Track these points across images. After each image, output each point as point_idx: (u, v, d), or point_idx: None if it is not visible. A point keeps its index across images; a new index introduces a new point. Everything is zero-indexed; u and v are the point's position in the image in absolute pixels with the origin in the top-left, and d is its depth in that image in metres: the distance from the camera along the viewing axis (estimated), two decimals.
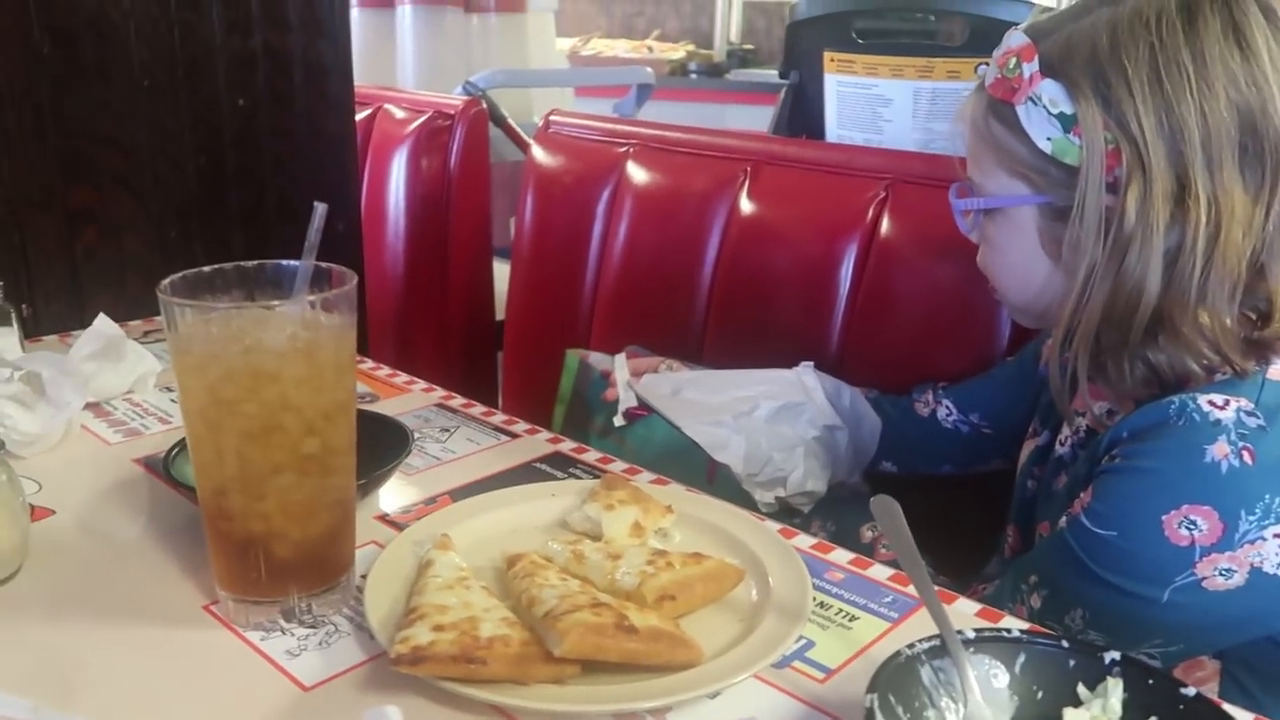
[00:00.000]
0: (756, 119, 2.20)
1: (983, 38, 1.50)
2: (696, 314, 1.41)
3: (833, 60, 1.66)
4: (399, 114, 1.84)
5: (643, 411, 1.15)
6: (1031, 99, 0.75)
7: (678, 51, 4.38)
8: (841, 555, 0.77)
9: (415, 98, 1.90)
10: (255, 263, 0.68)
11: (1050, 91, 0.74)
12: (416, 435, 0.96)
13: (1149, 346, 0.74)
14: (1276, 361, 0.74)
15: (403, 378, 1.13)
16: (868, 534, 0.97)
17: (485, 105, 1.83)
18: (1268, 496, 0.68)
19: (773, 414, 1.05)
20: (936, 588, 0.73)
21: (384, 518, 0.81)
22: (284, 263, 0.68)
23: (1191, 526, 0.69)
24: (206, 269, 0.66)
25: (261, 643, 0.65)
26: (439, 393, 1.08)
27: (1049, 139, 0.75)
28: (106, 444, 0.94)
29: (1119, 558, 0.72)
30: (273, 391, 0.62)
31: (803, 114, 1.74)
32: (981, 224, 0.85)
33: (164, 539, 0.77)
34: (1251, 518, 0.68)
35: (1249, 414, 0.70)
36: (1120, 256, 0.72)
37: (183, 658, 0.64)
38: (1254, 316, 0.74)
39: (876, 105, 1.64)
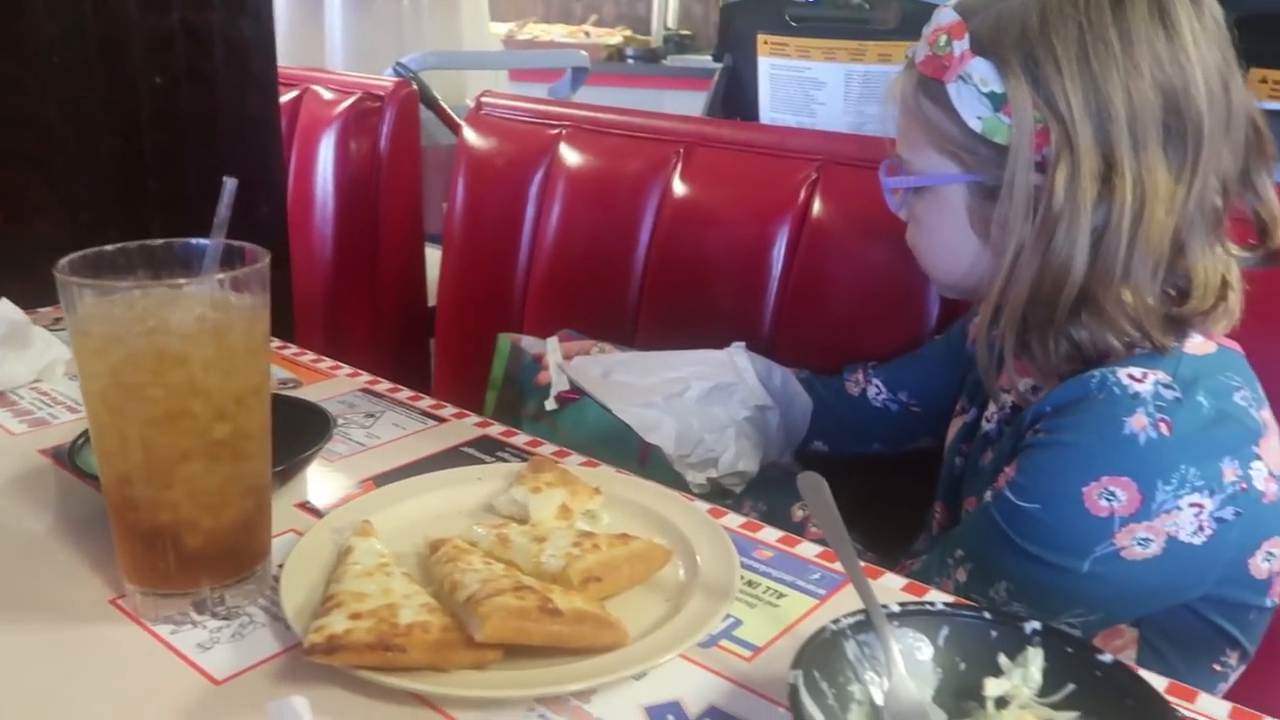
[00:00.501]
0: (693, 104, 2.19)
1: (914, 21, 1.51)
2: (630, 296, 1.40)
3: (766, 43, 1.66)
4: (327, 95, 1.80)
5: (575, 395, 1.13)
6: (962, 77, 0.75)
7: (614, 37, 4.36)
8: (770, 534, 0.77)
9: (344, 79, 1.86)
10: (162, 241, 0.65)
11: (981, 70, 0.74)
12: (340, 420, 0.94)
13: (1073, 323, 0.75)
14: (1193, 336, 0.75)
15: (327, 363, 1.10)
16: (798, 513, 0.97)
17: (416, 87, 1.80)
18: (1183, 467, 0.69)
19: (704, 395, 1.05)
20: (864, 564, 0.73)
21: (305, 505, 0.79)
22: (192, 241, 0.65)
23: (1111, 497, 0.70)
24: (109, 248, 0.63)
25: (171, 636, 0.62)
26: (364, 377, 1.06)
27: (979, 118, 0.75)
28: (11, 434, 0.90)
29: (1041, 530, 0.73)
30: (179, 375, 0.60)
31: (736, 97, 1.73)
32: (910, 202, 0.85)
33: (71, 532, 0.74)
34: (1168, 488, 0.69)
35: (1166, 387, 0.71)
36: (1048, 235, 0.73)
37: (88, 655, 0.61)
38: (1173, 293, 0.76)
39: (809, 88, 1.64)
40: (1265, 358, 0.81)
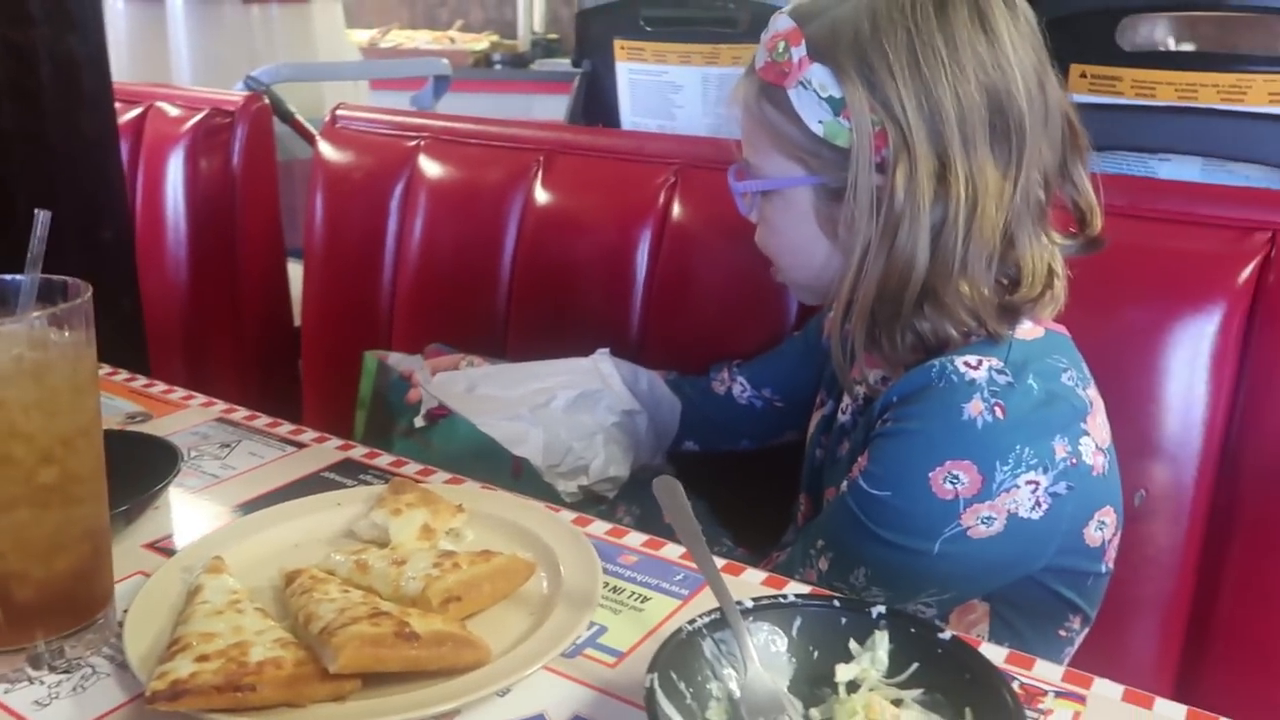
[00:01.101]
0: (562, 108, 2.20)
1: (764, 23, 1.55)
2: (498, 307, 1.40)
3: (623, 48, 1.67)
4: (173, 112, 1.73)
5: (445, 411, 1.12)
6: (802, 83, 0.77)
7: (481, 42, 4.32)
8: (635, 538, 0.78)
9: (191, 94, 1.79)
10: None
11: (819, 76, 0.77)
12: (193, 453, 0.91)
13: (916, 316, 0.78)
14: (1024, 322, 0.79)
15: (180, 393, 1.06)
16: None
17: (269, 101, 1.74)
18: (1019, 447, 0.73)
19: (570, 403, 1.05)
20: (728, 560, 0.75)
21: (154, 545, 0.76)
22: (5, 277, 0.62)
23: (955, 481, 0.73)
24: None
25: (4, 696, 0.59)
26: (220, 406, 1.02)
27: (820, 122, 0.77)
28: None
29: (893, 515, 0.76)
30: None
31: (597, 102, 1.74)
32: (759, 205, 0.87)
33: None
34: (1006, 468, 0.73)
35: (999, 372, 0.75)
36: (892, 234, 0.76)
37: None
38: (1005, 283, 0.80)
39: (667, 92, 1.66)
40: (1088, 339, 0.86)
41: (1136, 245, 1.00)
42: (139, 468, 0.77)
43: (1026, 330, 0.79)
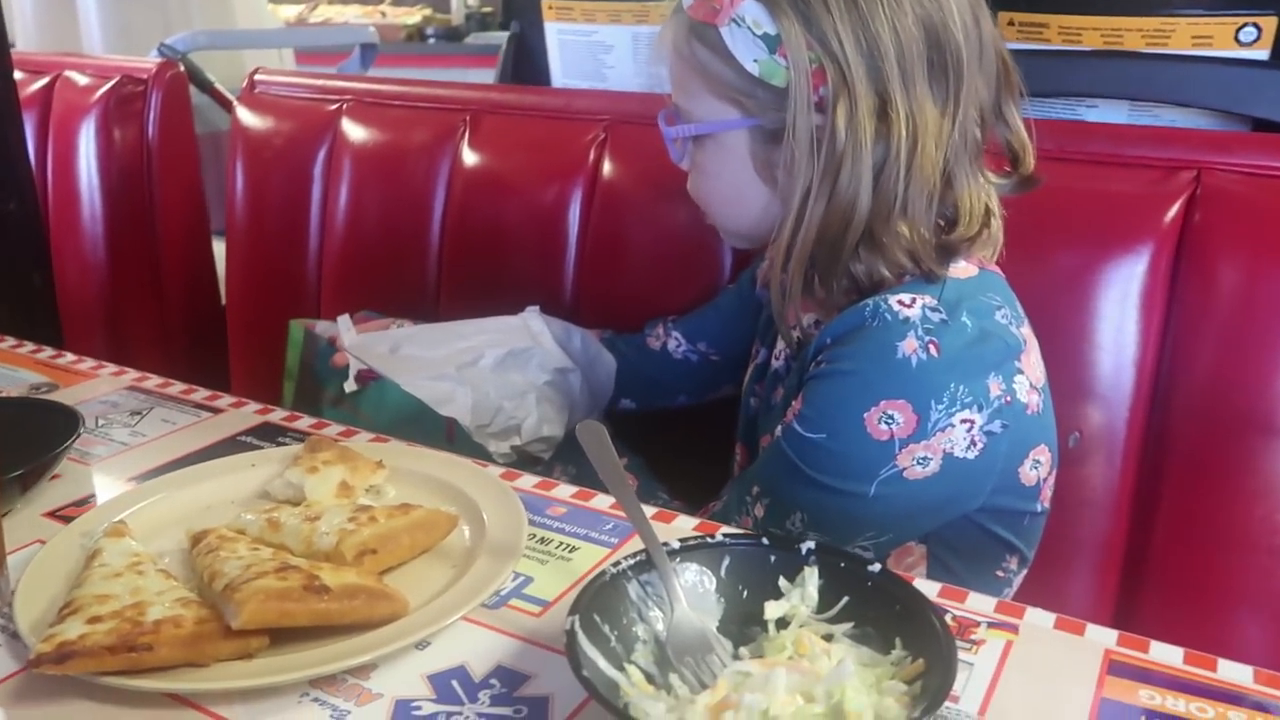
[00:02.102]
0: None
1: None
2: (429, 271, 1.36)
3: (551, 8, 1.63)
4: (82, 81, 1.65)
5: (374, 374, 1.09)
6: (735, 20, 0.74)
7: (414, 16, 4.23)
8: (565, 490, 0.76)
9: (101, 63, 1.71)
10: None
11: (752, 12, 0.74)
12: (101, 421, 0.87)
13: (853, 259, 0.77)
14: (959, 261, 0.78)
15: (90, 363, 1.01)
16: None
17: (185, 69, 1.68)
18: (953, 385, 0.72)
19: (499, 362, 1.02)
20: (659, 509, 0.73)
21: (54, 514, 0.72)
22: None
23: (890, 421, 0.72)
24: None
25: None
26: (131, 374, 0.98)
27: (755, 60, 0.74)
28: None
29: (829, 458, 0.75)
30: None
31: (527, 65, 1.70)
32: (691, 151, 0.84)
33: None
34: (940, 406, 0.72)
35: (933, 310, 0.73)
36: (834, 175, 0.74)
37: None
38: (943, 223, 0.79)
39: (598, 52, 1.63)
40: (1020, 283, 0.85)
41: (1065, 188, 1.00)
42: (36, 434, 0.73)
43: (960, 269, 0.78)
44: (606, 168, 1.24)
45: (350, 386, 1.09)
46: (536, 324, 1.06)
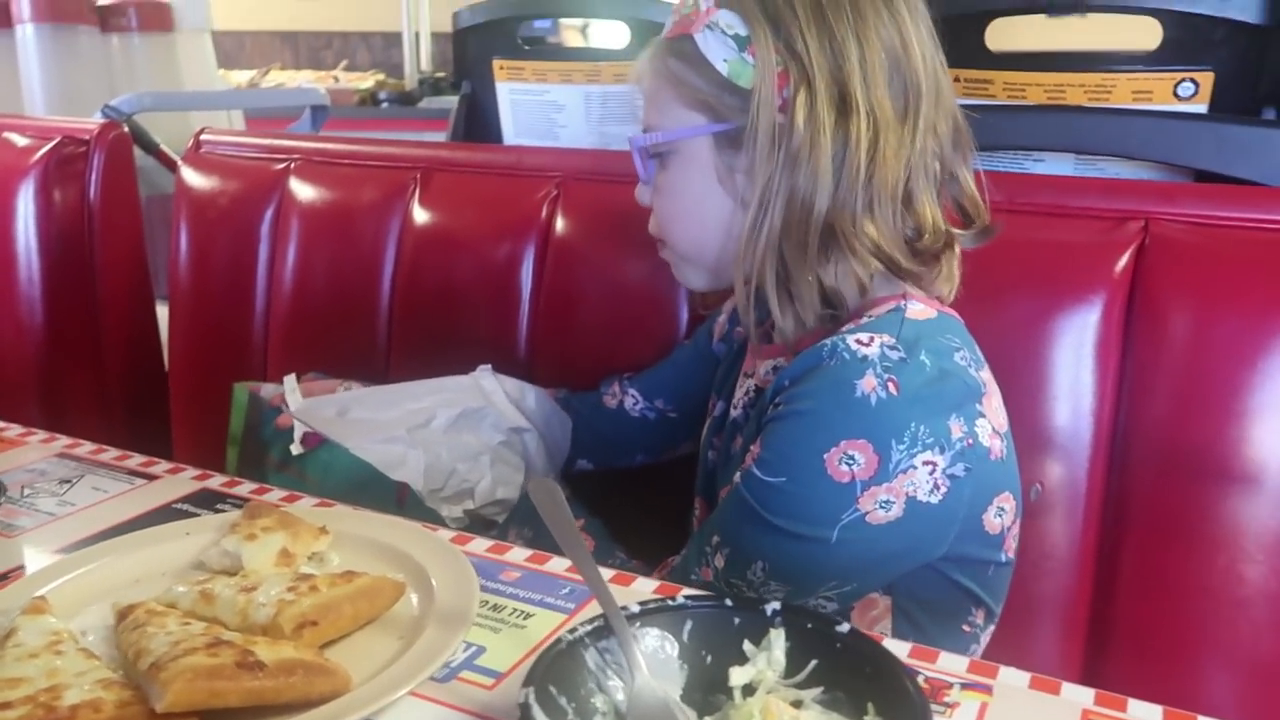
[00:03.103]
0: None
1: (642, 40, 1.54)
2: (379, 332, 1.33)
3: (502, 68, 1.64)
4: (21, 142, 1.61)
5: (320, 437, 1.05)
6: (709, 26, 0.77)
7: (366, 81, 4.24)
8: (519, 554, 0.73)
9: (41, 123, 1.68)
10: None
11: (726, 18, 0.77)
12: (26, 491, 0.82)
13: (823, 265, 0.77)
14: (913, 303, 0.78)
15: (17, 430, 0.97)
16: None
17: (129, 130, 1.65)
18: (914, 424, 0.71)
19: (451, 423, 0.99)
20: (617, 571, 0.70)
21: None
22: None
23: (850, 462, 0.70)
24: None
25: None
26: (62, 441, 0.93)
27: (725, 60, 0.76)
28: None
29: (789, 502, 0.73)
30: None
31: (479, 124, 1.70)
32: (655, 173, 0.85)
33: None
34: (901, 446, 0.71)
35: (891, 348, 0.73)
36: (792, 166, 0.75)
37: None
38: (909, 234, 0.79)
39: (550, 111, 1.63)
40: (974, 334, 0.85)
41: (1015, 239, 0.99)
42: None
43: (919, 311, 0.77)
44: (559, 224, 1.23)
45: (296, 449, 1.05)
46: (489, 383, 1.04)
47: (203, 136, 1.50)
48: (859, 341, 0.72)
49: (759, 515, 0.73)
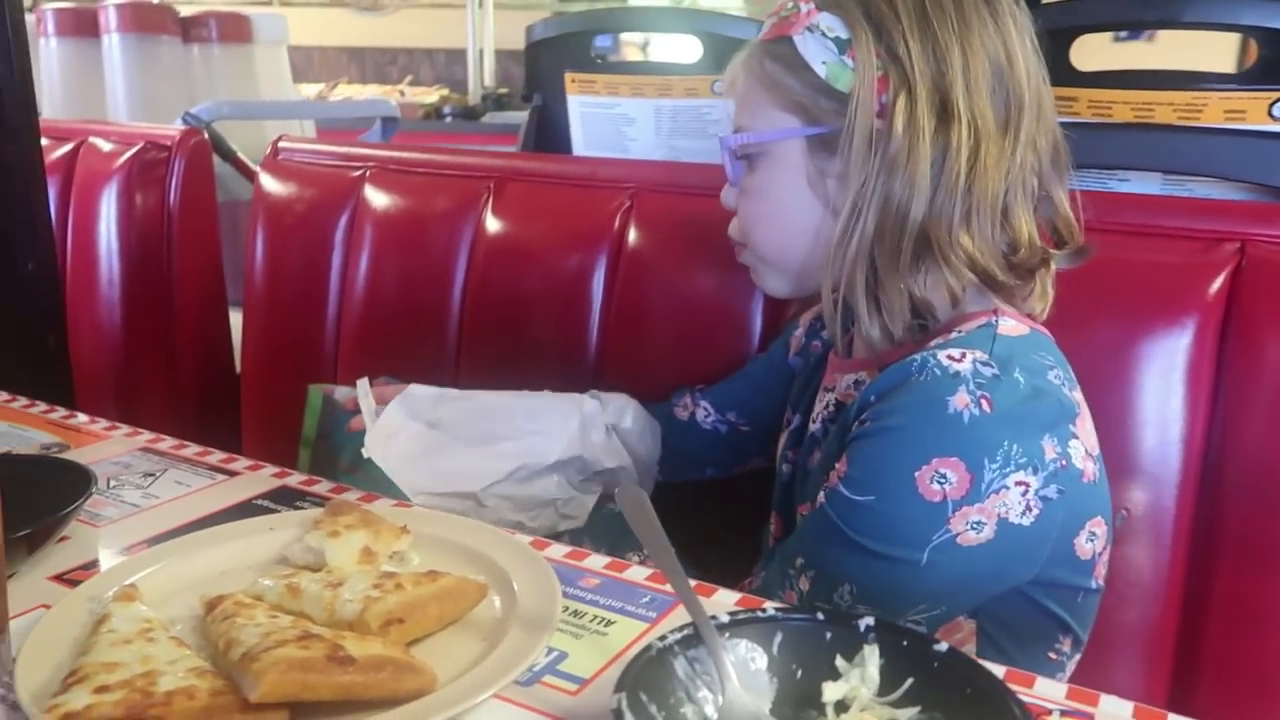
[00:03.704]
0: None
1: (714, 54, 1.53)
2: (449, 339, 1.34)
3: (574, 81, 1.64)
4: (106, 147, 1.66)
5: None
6: (809, 28, 0.76)
7: (431, 95, 4.31)
8: (597, 560, 0.72)
9: (125, 130, 1.72)
10: None
11: (827, 20, 0.76)
12: (113, 483, 0.83)
13: (915, 274, 0.75)
14: (1005, 319, 0.76)
15: (103, 424, 0.99)
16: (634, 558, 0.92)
17: (208, 137, 1.68)
18: (1006, 443, 0.69)
19: (531, 476, 0.97)
20: (696, 582, 0.69)
21: (61, 577, 0.68)
22: None
23: (942, 480, 0.69)
24: None
25: None
26: (146, 436, 0.95)
27: (824, 63, 0.75)
28: None
29: (877, 522, 0.71)
30: None
31: (549, 136, 1.71)
32: (743, 175, 0.84)
33: None
34: (994, 466, 0.69)
35: (984, 364, 0.71)
36: (888, 174, 0.73)
37: None
38: (1005, 248, 0.77)
39: (620, 124, 1.63)
40: (1065, 349, 0.83)
41: (1103, 259, 0.97)
42: (45, 493, 0.70)
43: (1011, 327, 0.76)
44: (632, 236, 1.23)
45: (366, 452, 1.06)
46: (591, 407, 1.02)
47: (280, 144, 1.53)
48: (950, 357, 0.71)
49: (846, 536, 0.71)
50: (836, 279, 0.77)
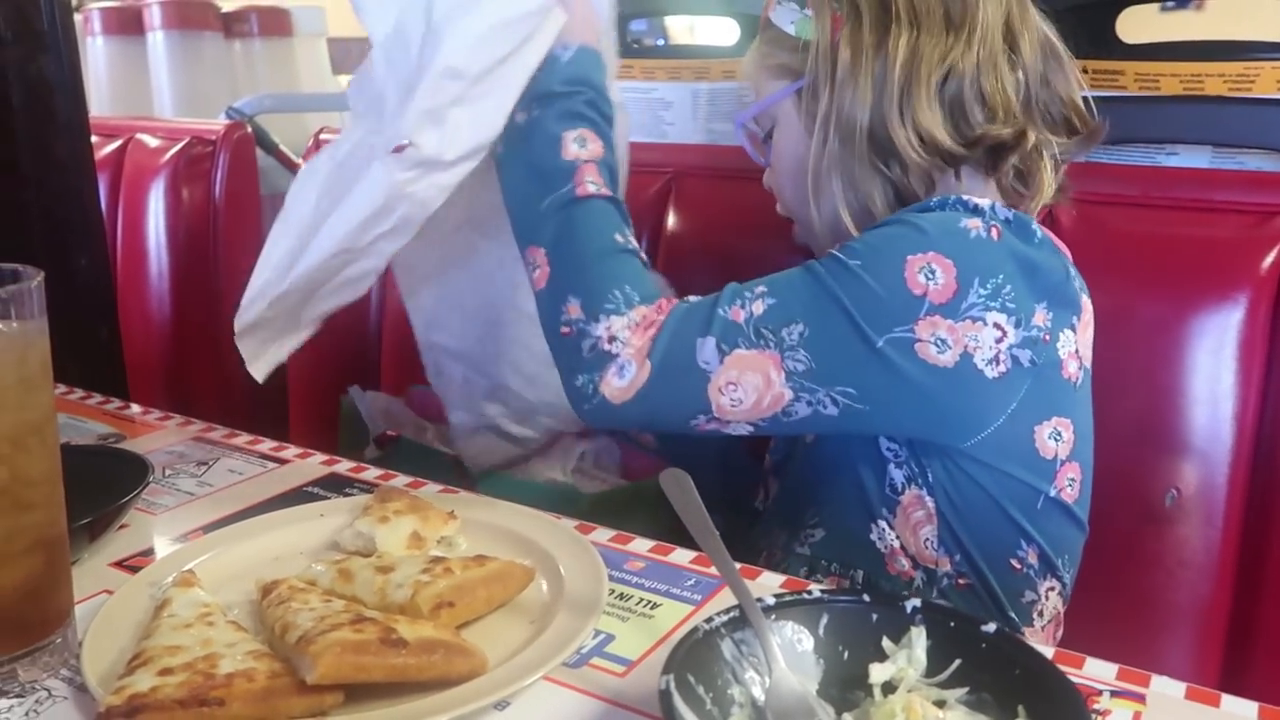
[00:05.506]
0: None
1: (751, 37, 1.52)
2: None
3: None
4: (153, 143, 1.69)
5: (395, 434, 1.07)
6: (779, 1, 0.83)
7: None
8: (641, 544, 0.73)
9: (171, 125, 1.76)
10: None
11: None
12: (168, 472, 0.86)
13: (889, 171, 0.78)
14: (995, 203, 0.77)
15: (156, 414, 1.01)
16: None
17: (251, 130, 1.71)
18: (1001, 277, 0.70)
19: None
20: (739, 564, 0.69)
21: (121, 564, 0.70)
22: None
23: (930, 275, 0.69)
24: None
25: None
26: (198, 425, 0.97)
27: (793, 23, 0.81)
28: None
29: (854, 285, 0.70)
30: None
31: None
32: (763, 145, 0.88)
33: None
34: (982, 291, 0.69)
35: (1002, 208, 0.75)
36: (841, 93, 0.78)
37: None
38: (976, 135, 0.78)
39: (657, 109, 1.63)
40: (1109, 331, 0.82)
41: (1153, 234, 0.96)
42: (105, 482, 0.72)
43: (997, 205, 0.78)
44: (671, 219, 1.23)
45: (371, 452, 1.08)
46: None
47: (322, 136, 1.54)
48: (972, 195, 0.75)
49: (824, 284, 0.70)
50: (818, 203, 0.81)
